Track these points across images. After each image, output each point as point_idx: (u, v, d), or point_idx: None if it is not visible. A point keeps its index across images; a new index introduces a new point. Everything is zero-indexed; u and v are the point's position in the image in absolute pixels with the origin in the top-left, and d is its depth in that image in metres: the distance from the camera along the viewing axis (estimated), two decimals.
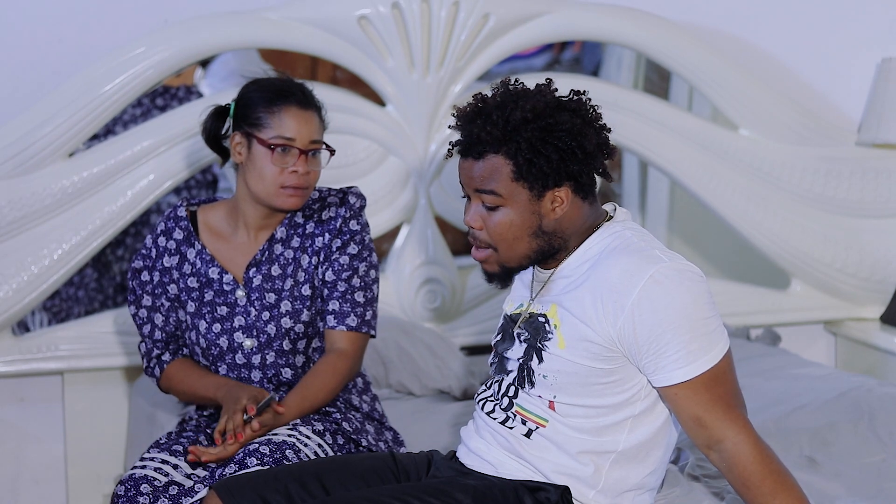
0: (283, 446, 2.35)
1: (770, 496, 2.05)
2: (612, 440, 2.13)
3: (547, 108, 2.08)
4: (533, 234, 2.12)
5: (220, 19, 3.20)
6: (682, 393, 2.07)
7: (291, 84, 2.54)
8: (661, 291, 2.05)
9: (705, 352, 2.06)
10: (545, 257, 2.16)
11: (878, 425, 2.72)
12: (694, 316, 2.06)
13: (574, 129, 2.08)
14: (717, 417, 2.06)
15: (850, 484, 2.45)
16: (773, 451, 2.08)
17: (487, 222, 2.13)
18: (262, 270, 2.55)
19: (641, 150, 3.49)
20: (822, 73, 3.68)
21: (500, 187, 2.10)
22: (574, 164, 2.08)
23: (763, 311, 3.63)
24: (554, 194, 2.10)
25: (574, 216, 2.14)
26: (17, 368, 3.20)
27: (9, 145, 3.09)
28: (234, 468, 2.31)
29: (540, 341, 2.14)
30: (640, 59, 4.17)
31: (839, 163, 3.57)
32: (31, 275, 3.12)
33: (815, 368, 3.23)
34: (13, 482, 3.30)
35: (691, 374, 2.05)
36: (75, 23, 3.24)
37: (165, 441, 2.51)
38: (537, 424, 2.15)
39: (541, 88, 2.13)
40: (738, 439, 2.06)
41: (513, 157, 2.08)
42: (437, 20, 3.25)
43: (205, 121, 2.60)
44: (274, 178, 2.48)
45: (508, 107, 2.09)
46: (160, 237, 2.59)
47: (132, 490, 2.34)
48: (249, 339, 2.54)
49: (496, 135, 2.08)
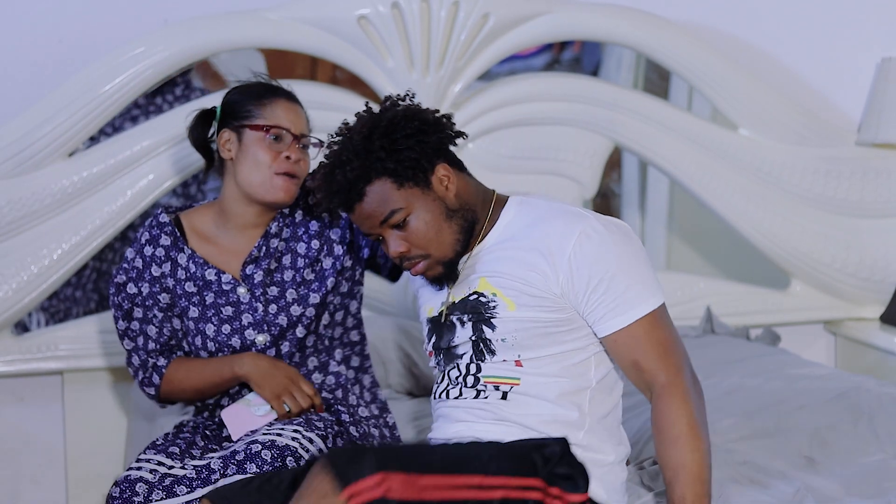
0: (284, 451, 2.33)
1: (670, 443, 2.13)
2: (584, 377, 2.22)
3: (374, 117, 2.23)
4: (447, 217, 2.23)
5: (219, 19, 3.20)
6: (620, 339, 2.18)
7: (276, 84, 2.58)
8: (591, 245, 2.16)
9: (641, 300, 2.17)
10: (468, 236, 2.25)
11: (877, 425, 2.72)
12: (626, 264, 2.17)
13: (407, 113, 2.22)
14: (652, 360, 2.17)
15: (849, 484, 2.45)
16: (697, 407, 2.16)
17: (408, 238, 2.23)
18: (261, 266, 2.55)
19: (641, 149, 3.49)
20: (822, 72, 3.68)
21: (396, 203, 2.21)
22: (431, 136, 2.21)
23: (763, 311, 3.63)
24: (437, 176, 2.22)
25: (465, 186, 2.26)
26: (16, 368, 3.20)
27: (8, 145, 3.09)
28: (234, 470, 2.30)
29: (485, 312, 2.22)
30: (639, 59, 4.17)
31: (839, 163, 3.56)
32: (31, 274, 3.12)
33: (814, 368, 3.23)
34: (13, 482, 3.30)
35: (628, 320, 2.16)
36: (75, 23, 3.25)
37: (162, 443, 2.49)
38: (510, 385, 2.21)
39: (359, 114, 2.27)
40: (666, 382, 2.16)
41: (384, 173, 2.20)
42: (436, 20, 3.25)
43: (190, 125, 2.58)
44: (269, 164, 2.47)
45: (348, 143, 2.22)
46: (146, 247, 2.56)
47: (127, 491, 2.33)
48: (262, 335, 2.53)
49: (357, 167, 2.20)
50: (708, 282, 3.62)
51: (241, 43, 3.27)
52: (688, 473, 2.13)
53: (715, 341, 3.40)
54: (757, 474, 2.49)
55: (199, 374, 2.55)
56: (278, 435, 2.38)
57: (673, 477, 2.14)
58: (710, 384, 3.07)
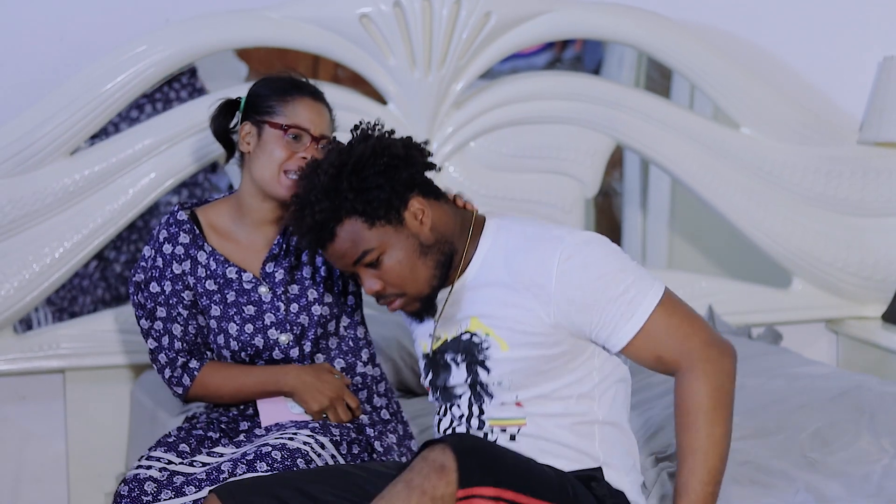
0: (295, 454, 2.33)
1: (685, 427, 2.10)
2: (589, 411, 2.17)
3: (341, 155, 2.16)
4: (421, 254, 2.16)
5: (221, 18, 3.20)
6: (638, 343, 2.12)
7: (303, 80, 2.54)
8: (574, 266, 2.11)
9: (643, 296, 2.11)
10: (446, 269, 2.19)
11: (879, 424, 2.72)
12: (614, 270, 2.11)
13: (375, 149, 2.14)
14: (673, 349, 2.11)
15: (850, 483, 2.45)
16: (717, 388, 2.10)
17: (383, 277, 2.18)
18: (282, 264, 2.53)
19: (643, 148, 3.49)
20: (824, 71, 3.68)
21: (368, 243, 2.15)
22: (401, 172, 2.14)
23: (764, 310, 3.63)
24: (411, 211, 2.15)
25: (441, 217, 2.20)
26: (18, 367, 3.20)
27: (10, 143, 3.09)
28: (243, 469, 2.30)
29: (479, 354, 2.17)
30: (641, 58, 4.17)
31: (841, 162, 3.56)
32: (33, 273, 3.12)
33: (816, 367, 3.23)
34: (14, 481, 3.30)
35: (639, 322, 2.10)
36: (77, 21, 3.24)
37: (174, 439, 2.48)
38: (517, 426, 2.17)
39: (329, 148, 2.23)
40: (687, 367, 2.10)
41: (353, 213, 2.14)
42: (438, 18, 3.24)
43: (213, 114, 2.56)
44: (280, 162, 2.43)
45: (314, 182, 2.16)
46: (165, 244, 2.53)
47: (136, 490, 2.32)
48: (284, 335, 2.52)
49: (326, 209, 2.14)
50: (709, 280, 3.62)
51: (243, 42, 3.27)
52: (696, 459, 2.09)
53: None
54: (758, 474, 2.49)
55: (240, 384, 2.52)
56: (290, 439, 2.38)
57: (682, 461, 2.11)
58: None
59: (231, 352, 2.53)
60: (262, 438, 2.43)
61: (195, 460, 2.40)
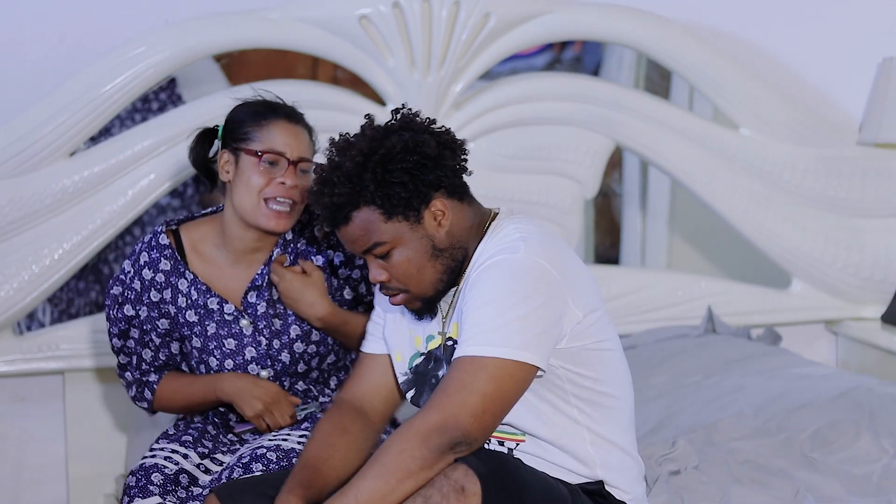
0: (290, 454, 2.33)
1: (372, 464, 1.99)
2: (574, 420, 2.10)
3: (373, 143, 2.08)
4: (432, 256, 2.11)
5: (220, 19, 3.20)
6: (454, 364, 2.01)
7: (279, 102, 2.49)
8: (486, 275, 2.04)
9: (500, 344, 1.98)
10: (454, 274, 2.14)
11: (878, 425, 2.72)
12: (504, 302, 2.00)
13: (408, 145, 2.07)
14: (446, 392, 1.98)
15: (850, 483, 2.45)
16: (414, 454, 1.95)
17: (389, 270, 2.12)
18: (263, 296, 2.49)
19: (642, 149, 3.49)
20: (823, 72, 3.68)
21: (381, 235, 2.09)
22: (428, 174, 2.07)
23: (764, 311, 3.62)
24: (431, 210, 2.10)
25: (460, 220, 2.13)
26: (17, 368, 3.20)
27: (10, 145, 3.09)
28: (239, 472, 2.30)
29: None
30: (640, 59, 4.17)
31: (840, 163, 3.56)
32: (32, 274, 3.12)
33: (815, 368, 3.23)
34: (14, 482, 3.30)
35: (472, 351, 1.99)
36: (76, 22, 3.24)
37: (174, 432, 2.51)
38: (515, 441, 2.13)
39: (363, 129, 2.13)
40: (426, 411, 1.98)
41: (372, 203, 2.07)
42: (437, 19, 3.24)
43: (192, 144, 2.52)
44: (259, 190, 2.39)
45: (340, 163, 2.09)
46: (144, 269, 2.49)
47: (143, 479, 2.33)
48: (265, 370, 2.50)
49: (345, 193, 2.08)
50: (709, 281, 3.62)
51: (242, 43, 3.26)
52: (352, 485, 1.98)
53: (716, 341, 3.40)
54: (758, 473, 2.49)
55: (188, 394, 2.53)
56: (284, 440, 2.39)
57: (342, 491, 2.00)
58: (712, 384, 3.08)
59: None
60: (257, 440, 2.44)
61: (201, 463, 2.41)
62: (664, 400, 3.01)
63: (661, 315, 3.52)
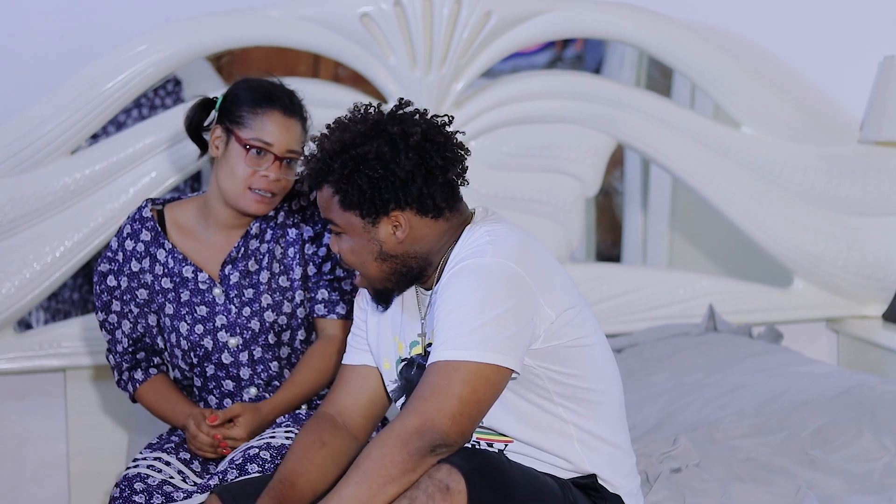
0: (282, 450, 2.34)
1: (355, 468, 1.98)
2: (560, 419, 2.09)
3: (356, 139, 2.06)
4: (378, 258, 2.10)
5: (221, 17, 3.20)
6: (430, 368, 1.99)
7: (280, 89, 2.51)
8: (455, 280, 2.02)
9: (473, 347, 1.97)
10: (411, 278, 2.13)
11: (879, 423, 2.72)
12: (475, 306, 1.98)
13: (382, 157, 2.04)
14: (421, 397, 1.97)
15: (851, 481, 2.45)
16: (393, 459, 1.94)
17: (340, 248, 2.13)
18: (238, 267, 2.53)
19: (643, 147, 3.49)
20: (825, 70, 3.68)
21: (335, 216, 2.10)
22: (386, 192, 2.04)
23: (765, 309, 3.62)
24: (391, 220, 2.07)
25: (425, 235, 2.10)
26: (18, 366, 3.20)
27: (11, 143, 3.09)
28: (235, 474, 2.30)
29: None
30: (642, 57, 4.17)
31: (841, 161, 3.56)
32: (34, 272, 3.13)
33: (817, 366, 3.22)
34: (15, 480, 3.30)
35: (446, 356, 1.97)
36: (77, 20, 3.25)
37: (157, 441, 2.53)
38: (503, 442, 2.12)
39: (367, 116, 2.10)
40: (404, 415, 1.96)
41: (334, 188, 2.08)
42: (439, 18, 3.25)
43: (189, 110, 2.56)
44: (244, 179, 2.45)
45: (325, 139, 2.09)
46: (126, 240, 2.55)
47: (126, 490, 2.34)
48: (234, 338, 2.52)
49: (318, 168, 2.08)
50: (710, 280, 3.62)
51: (243, 41, 3.27)
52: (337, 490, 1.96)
53: (717, 339, 3.40)
54: (759, 471, 2.49)
55: (165, 413, 2.55)
56: (272, 437, 2.40)
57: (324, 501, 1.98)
58: (713, 382, 3.08)
59: (182, 351, 2.55)
60: (245, 443, 2.43)
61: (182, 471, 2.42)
62: (665, 398, 3.01)
63: (663, 313, 3.53)
